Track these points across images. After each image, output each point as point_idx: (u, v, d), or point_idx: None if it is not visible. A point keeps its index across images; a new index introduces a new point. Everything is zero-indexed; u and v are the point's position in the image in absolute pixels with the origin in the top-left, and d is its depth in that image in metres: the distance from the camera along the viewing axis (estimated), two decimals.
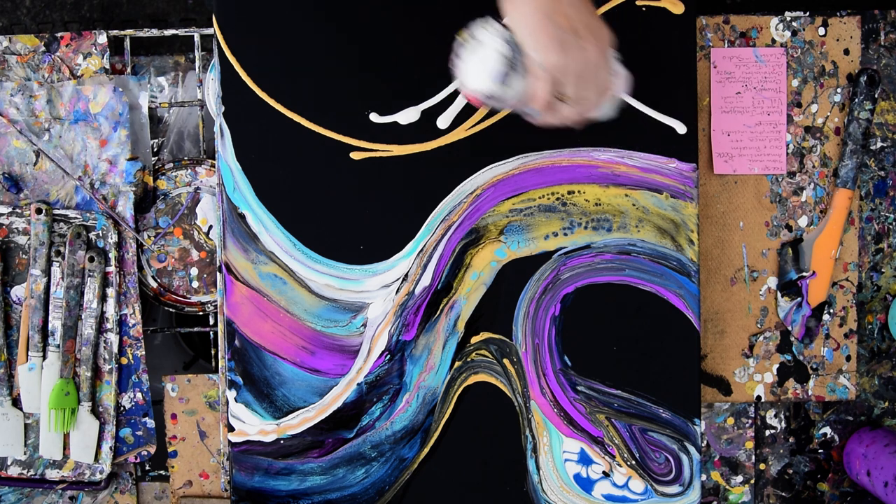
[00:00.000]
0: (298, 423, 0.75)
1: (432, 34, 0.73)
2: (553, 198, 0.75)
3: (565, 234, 0.75)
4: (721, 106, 0.80)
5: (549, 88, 0.57)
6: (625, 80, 0.64)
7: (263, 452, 0.76)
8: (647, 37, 0.74)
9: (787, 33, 0.80)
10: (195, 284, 0.81)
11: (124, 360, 0.80)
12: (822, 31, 0.80)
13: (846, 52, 0.80)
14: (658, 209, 0.75)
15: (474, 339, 0.75)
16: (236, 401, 0.75)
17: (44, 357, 0.78)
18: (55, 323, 0.78)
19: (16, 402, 0.80)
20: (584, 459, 0.76)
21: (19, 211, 0.78)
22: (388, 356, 0.75)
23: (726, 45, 0.80)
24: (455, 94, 0.72)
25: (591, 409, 0.76)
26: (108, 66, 0.79)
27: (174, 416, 0.82)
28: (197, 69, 0.81)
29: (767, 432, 0.84)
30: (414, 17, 0.74)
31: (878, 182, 0.82)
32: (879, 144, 0.82)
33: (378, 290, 0.75)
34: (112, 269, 0.78)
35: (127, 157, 0.79)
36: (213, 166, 0.80)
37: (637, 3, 0.74)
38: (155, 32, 0.81)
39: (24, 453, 0.80)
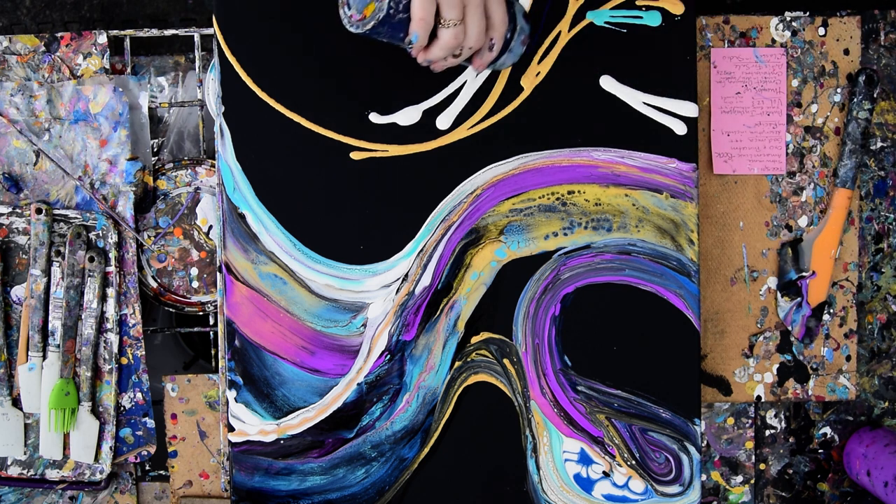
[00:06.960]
0: (298, 423, 0.75)
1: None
2: (553, 198, 0.75)
3: (565, 234, 0.75)
4: (721, 106, 0.80)
5: (430, 6, 0.51)
6: (525, 35, 0.61)
7: (263, 452, 0.75)
8: (647, 37, 0.74)
9: (787, 33, 0.80)
10: (195, 284, 0.81)
11: (124, 360, 0.80)
12: (822, 31, 0.80)
13: (846, 52, 0.80)
14: (658, 209, 0.75)
15: (474, 339, 0.75)
16: (236, 401, 0.75)
17: (44, 357, 0.78)
18: (55, 323, 0.78)
19: (16, 402, 0.80)
20: (584, 459, 0.76)
21: (19, 211, 0.78)
22: (388, 356, 0.75)
23: (726, 45, 0.80)
24: (455, 93, 0.72)
25: (591, 409, 0.76)
26: (108, 66, 0.79)
27: (174, 416, 0.82)
28: (197, 69, 0.81)
29: (767, 432, 0.84)
30: None
31: (877, 182, 0.82)
32: (879, 144, 0.82)
33: (378, 290, 0.75)
34: (112, 269, 0.78)
35: (127, 157, 0.79)
36: (213, 166, 0.80)
37: (637, 3, 0.74)
38: (155, 32, 0.81)
39: (24, 453, 0.80)
